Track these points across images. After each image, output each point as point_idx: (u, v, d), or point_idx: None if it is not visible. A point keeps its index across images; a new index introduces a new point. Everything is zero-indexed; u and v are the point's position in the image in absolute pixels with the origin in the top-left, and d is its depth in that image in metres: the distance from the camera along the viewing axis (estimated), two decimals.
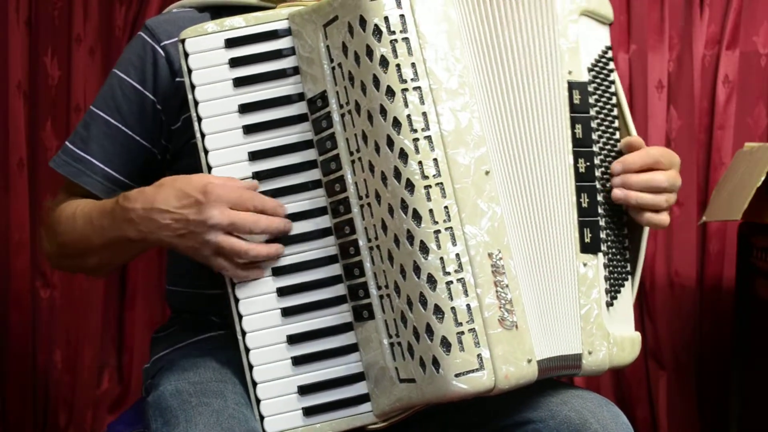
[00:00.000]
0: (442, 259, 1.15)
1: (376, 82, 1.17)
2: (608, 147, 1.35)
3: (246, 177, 1.26)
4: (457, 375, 1.14)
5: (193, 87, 1.26)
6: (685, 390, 2.66)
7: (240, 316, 1.25)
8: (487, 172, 1.19)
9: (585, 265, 1.29)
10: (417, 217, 1.15)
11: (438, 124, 1.16)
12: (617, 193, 1.32)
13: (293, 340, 1.25)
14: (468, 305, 1.15)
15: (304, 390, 1.25)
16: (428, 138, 1.16)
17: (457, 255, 1.15)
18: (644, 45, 2.61)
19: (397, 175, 1.16)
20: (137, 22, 2.72)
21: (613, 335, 1.30)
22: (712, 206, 2.37)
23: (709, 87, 2.62)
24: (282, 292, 1.25)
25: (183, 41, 1.26)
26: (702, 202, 2.62)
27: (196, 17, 1.42)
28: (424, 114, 1.16)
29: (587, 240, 1.30)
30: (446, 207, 1.16)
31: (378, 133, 1.17)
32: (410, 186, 1.16)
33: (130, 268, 2.75)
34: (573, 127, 1.31)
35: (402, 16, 1.17)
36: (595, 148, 1.32)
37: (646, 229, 1.41)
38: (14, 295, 2.75)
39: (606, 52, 1.39)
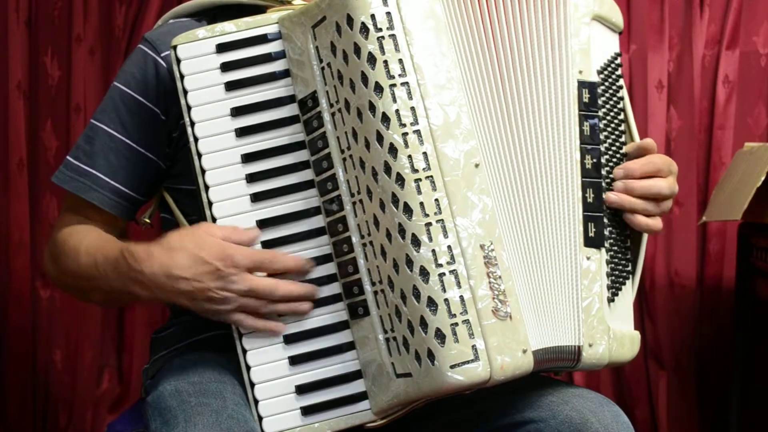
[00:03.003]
0: (434, 251, 1.15)
1: (365, 79, 1.17)
2: (613, 149, 1.36)
3: (239, 178, 1.26)
4: (452, 366, 1.14)
5: (185, 92, 1.27)
6: (685, 390, 2.66)
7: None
8: (476, 165, 1.19)
9: (588, 258, 1.29)
10: (408, 210, 1.16)
11: (426, 119, 1.17)
12: (611, 197, 1.33)
13: (289, 339, 1.25)
14: (461, 296, 1.15)
15: (302, 389, 1.25)
16: (417, 132, 1.17)
17: (449, 247, 1.16)
18: (644, 45, 2.62)
19: (388, 169, 1.17)
20: (137, 22, 2.72)
21: (613, 330, 1.30)
22: (712, 206, 2.37)
23: (709, 87, 2.62)
24: None
25: (175, 47, 1.27)
26: (702, 202, 2.62)
27: (194, 26, 1.42)
28: (413, 109, 1.17)
29: (591, 234, 1.30)
30: (437, 200, 1.16)
31: (367, 129, 1.18)
32: (400, 180, 1.16)
33: None
34: (581, 124, 1.32)
35: (388, 13, 1.18)
36: (602, 147, 1.33)
37: (642, 243, 1.42)
38: (14, 295, 2.75)
39: (615, 59, 1.40)
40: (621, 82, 1.40)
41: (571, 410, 1.26)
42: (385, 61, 1.17)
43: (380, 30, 1.17)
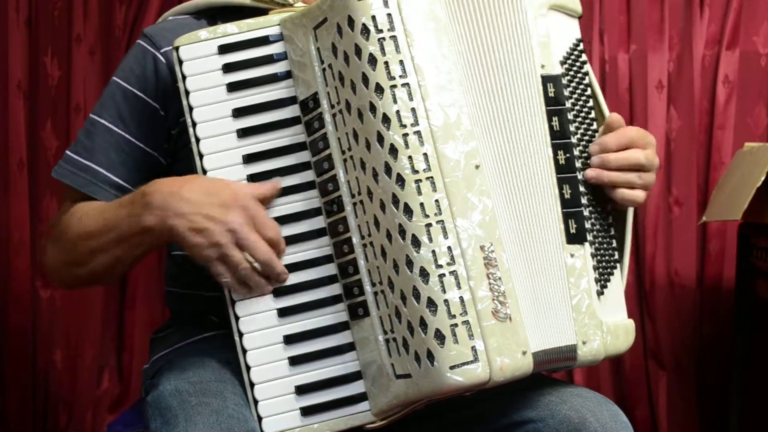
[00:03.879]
0: (434, 252, 1.15)
1: (365, 80, 1.18)
2: (587, 137, 1.36)
3: (241, 180, 1.26)
4: (451, 367, 1.14)
5: (187, 93, 1.28)
6: (685, 390, 2.66)
7: (237, 318, 1.25)
8: (477, 166, 1.20)
9: (572, 255, 1.29)
10: (408, 211, 1.16)
11: (427, 120, 1.17)
12: (589, 173, 1.33)
13: (290, 340, 1.25)
14: (461, 297, 1.15)
15: (302, 390, 1.25)
16: (418, 133, 1.17)
17: (449, 248, 1.16)
18: (644, 45, 2.62)
19: (388, 170, 1.17)
20: (137, 22, 2.72)
21: (606, 324, 1.30)
22: (712, 206, 2.37)
23: (709, 87, 2.62)
24: (278, 292, 1.26)
25: (177, 48, 1.28)
26: (702, 202, 2.62)
27: (193, 24, 1.43)
28: (413, 110, 1.17)
29: (572, 231, 1.30)
30: (437, 201, 1.16)
31: (368, 130, 1.18)
32: (401, 181, 1.16)
33: None
34: (550, 120, 1.31)
35: (389, 15, 1.18)
36: (574, 140, 1.33)
37: (630, 214, 1.41)
38: (14, 295, 2.75)
39: (577, 45, 1.40)
40: (586, 68, 1.40)
41: (569, 409, 1.26)
42: (386, 62, 1.17)
43: (381, 31, 1.18)
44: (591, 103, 1.39)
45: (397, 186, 1.17)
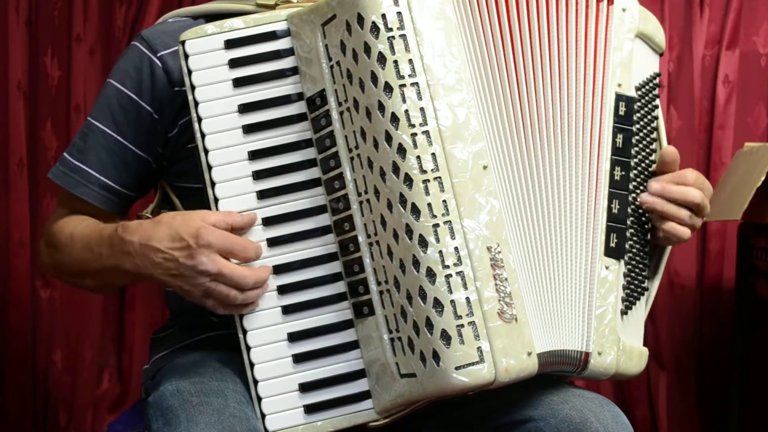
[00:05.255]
0: (441, 252, 1.15)
1: (374, 78, 1.18)
2: (642, 166, 1.37)
3: (246, 175, 1.26)
4: (457, 368, 1.14)
5: (193, 88, 1.27)
6: (685, 390, 2.66)
7: (240, 316, 1.25)
8: (485, 167, 1.19)
9: (607, 268, 1.30)
10: (416, 211, 1.16)
11: (436, 119, 1.17)
12: (646, 198, 1.34)
13: (294, 337, 1.25)
14: (467, 298, 1.15)
15: (305, 387, 1.25)
16: (426, 133, 1.17)
17: (456, 248, 1.16)
18: None
19: (396, 170, 1.17)
20: (137, 22, 2.72)
21: (623, 342, 1.30)
22: (712, 206, 2.36)
23: (709, 87, 2.62)
24: (282, 290, 1.26)
25: (183, 43, 1.27)
26: None
27: (192, 26, 1.42)
28: (422, 109, 1.17)
29: (612, 244, 1.31)
30: (444, 201, 1.16)
31: (376, 128, 1.18)
32: (409, 180, 1.16)
33: None
34: (615, 136, 1.33)
35: (399, 13, 1.18)
36: (632, 162, 1.34)
37: (667, 251, 1.42)
38: (14, 295, 2.75)
39: (654, 78, 1.41)
40: (657, 102, 1.41)
41: (570, 409, 1.26)
42: (395, 61, 1.17)
43: (391, 30, 1.18)
44: (654, 136, 1.40)
45: (405, 186, 1.16)
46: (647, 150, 1.38)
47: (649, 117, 1.39)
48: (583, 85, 1.31)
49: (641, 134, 1.36)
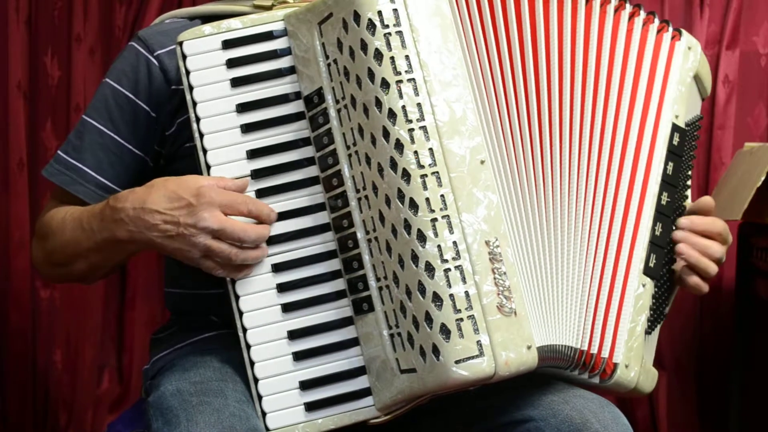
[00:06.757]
0: (439, 247, 1.15)
1: (371, 75, 1.18)
2: (679, 197, 1.39)
3: (244, 175, 1.27)
4: (457, 362, 1.14)
5: (191, 88, 1.28)
6: (685, 390, 2.66)
7: (240, 313, 1.25)
8: (482, 162, 1.20)
9: (643, 286, 1.31)
10: (414, 206, 1.16)
11: (433, 115, 1.18)
12: (682, 247, 1.35)
13: (294, 335, 1.25)
14: (466, 292, 1.15)
15: (306, 385, 1.25)
16: (423, 128, 1.17)
17: (455, 243, 1.16)
18: None
19: (394, 165, 1.17)
20: (137, 22, 2.72)
21: (644, 360, 1.32)
22: None
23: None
24: (282, 288, 1.26)
25: (181, 43, 1.28)
26: None
27: (188, 27, 1.42)
28: (419, 105, 1.18)
29: (651, 264, 1.32)
30: (442, 196, 1.16)
31: (374, 125, 1.19)
32: (406, 176, 1.17)
33: (130, 268, 2.76)
34: (666, 163, 1.35)
35: (395, 10, 1.19)
36: (678, 191, 1.37)
37: (676, 291, 1.43)
38: (14, 295, 2.75)
39: (699, 119, 1.43)
40: (695, 143, 1.43)
41: (571, 410, 1.26)
42: (392, 58, 1.18)
43: (387, 26, 1.18)
44: (690, 173, 1.42)
45: (403, 181, 1.17)
46: (686, 183, 1.40)
47: (690, 153, 1.41)
48: (629, 105, 1.34)
49: (685, 166, 1.39)
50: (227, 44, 1.28)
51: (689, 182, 1.42)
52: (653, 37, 1.38)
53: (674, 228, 1.36)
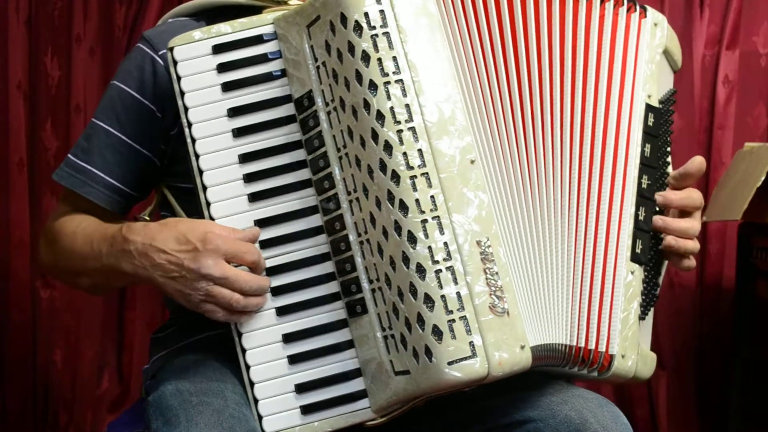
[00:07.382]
0: (430, 248, 1.15)
1: (359, 77, 1.18)
2: (663, 176, 1.38)
3: (237, 179, 1.27)
4: (449, 363, 1.14)
5: (182, 93, 1.28)
6: (685, 390, 2.66)
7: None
8: (472, 161, 1.19)
9: (632, 273, 1.30)
10: (404, 207, 1.16)
11: (421, 116, 1.17)
12: (670, 240, 1.35)
13: (289, 338, 1.25)
14: (458, 293, 1.15)
15: (302, 388, 1.25)
16: (412, 129, 1.16)
17: (445, 243, 1.15)
18: None
19: (383, 167, 1.17)
20: (137, 22, 2.73)
21: (641, 347, 1.31)
22: (712, 206, 2.37)
23: (709, 87, 2.62)
24: (276, 291, 1.26)
25: (171, 50, 1.28)
26: None
27: (193, 25, 1.43)
28: (407, 106, 1.17)
29: (638, 250, 1.31)
30: (432, 196, 1.16)
31: (362, 127, 1.18)
32: (396, 177, 1.16)
33: None
34: (643, 145, 1.34)
35: (382, 11, 1.18)
36: (658, 172, 1.35)
37: (666, 264, 1.42)
38: (14, 295, 2.76)
39: (672, 94, 1.42)
40: (672, 118, 1.42)
41: (570, 410, 1.26)
42: (379, 59, 1.17)
43: (374, 28, 1.17)
44: (668, 149, 1.41)
45: (392, 182, 1.16)
46: (665, 161, 1.39)
47: (666, 129, 1.40)
48: (606, 91, 1.32)
49: (662, 146, 1.38)
50: (217, 49, 1.28)
51: (669, 159, 1.40)
52: (623, 20, 1.36)
53: (656, 210, 1.35)
